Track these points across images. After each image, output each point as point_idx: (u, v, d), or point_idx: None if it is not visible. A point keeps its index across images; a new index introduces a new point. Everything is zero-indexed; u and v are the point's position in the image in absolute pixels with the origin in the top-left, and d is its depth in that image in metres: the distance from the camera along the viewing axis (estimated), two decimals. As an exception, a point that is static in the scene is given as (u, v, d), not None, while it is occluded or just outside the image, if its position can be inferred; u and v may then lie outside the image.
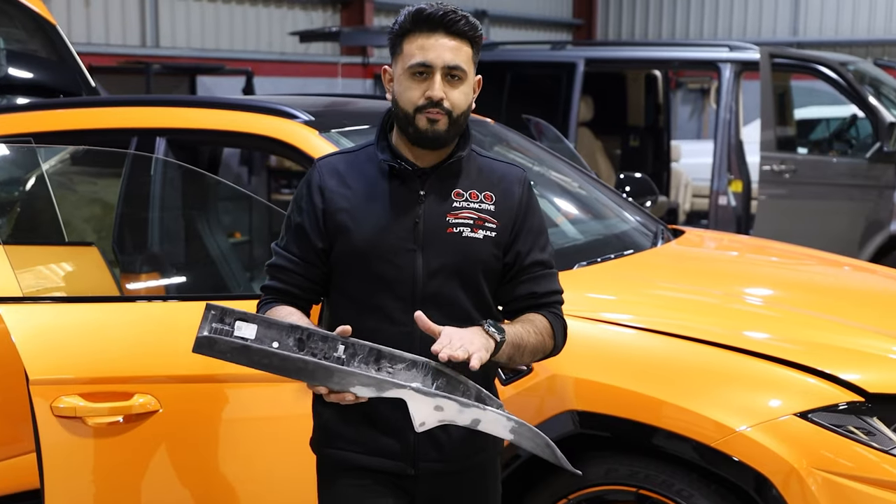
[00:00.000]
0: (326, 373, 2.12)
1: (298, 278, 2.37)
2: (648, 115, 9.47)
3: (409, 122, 2.26)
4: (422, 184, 2.32)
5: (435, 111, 2.24)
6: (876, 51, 15.57)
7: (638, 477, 2.87)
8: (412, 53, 2.25)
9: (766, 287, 3.62)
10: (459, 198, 2.33)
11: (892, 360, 2.93)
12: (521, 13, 15.98)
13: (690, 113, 16.48)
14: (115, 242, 3.69)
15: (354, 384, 2.12)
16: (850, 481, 2.65)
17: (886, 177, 7.23)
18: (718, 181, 7.64)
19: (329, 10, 12.65)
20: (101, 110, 3.87)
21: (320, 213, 2.33)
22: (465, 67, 2.27)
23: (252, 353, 2.12)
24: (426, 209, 2.30)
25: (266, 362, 2.12)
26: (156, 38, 10.56)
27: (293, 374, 2.13)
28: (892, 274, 4.23)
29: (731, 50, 7.86)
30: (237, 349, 2.12)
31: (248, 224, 8.53)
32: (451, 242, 2.30)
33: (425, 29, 2.25)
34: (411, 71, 2.25)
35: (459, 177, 2.35)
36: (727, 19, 17.07)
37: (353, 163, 2.39)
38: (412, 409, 2.13)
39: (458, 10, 2.27)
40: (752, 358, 2.83)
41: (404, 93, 2.27)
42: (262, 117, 3.52)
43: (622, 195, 4.50)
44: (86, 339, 2.87)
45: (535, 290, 2.39)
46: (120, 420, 2.77)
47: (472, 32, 2.28)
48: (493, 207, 2.34)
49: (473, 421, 2.15)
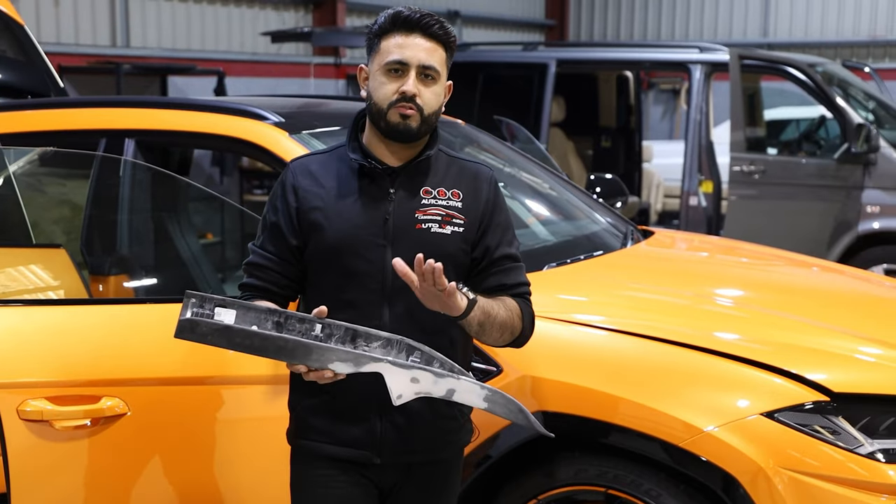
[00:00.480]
0: (305, 350, 2.17)
1: (275, 275, 2.46)
2: (620, 115, 9.51)
3: (382, 117, 2.37)
4: (391, 182, 2.42)
5: (407, 106, 2.34)
6: (844, 52, 15.71)
7: (607, 477, 2.88)
8: (389, 51, 2.37)
9: (734, 288, 3.65)
10: (428, 195, 2.43)
11: (857, 360, 2.96)
12: (494, 14, 16.00)
13: (662, 113, 16.55)
14: (83, 244, 3.67)
15: (333, 360, 2.19)
16: (817, 480, 2.67)
17: (854, 177, 7.29)
18: (689, 182, 7.69)
19: (301, 10, 12.62)
20: (69, 111, 3.84)
21: (294, 211, 2.43)
22: (439, 69, 2.39)
23: (233, 335, 2.17)
24: (396, 206, 2.40)
25: (247, 343, 2.17)
26: (126, 38, 10.50)
27: (273, 354, 2.18)
28: (859, 274, 4.28)
29: (702, 51, 7.91)
30: (218, 331, 2.17)
31: (220, 225, 8.51)
32: (419, 238, 2.38)
33: (403, 30, 2.38)
34: (387, 67, 2.36)
35: (428, 175, 2.46)
36: (698, 20, 17.16)
37: (326, 163, 2.49)
38: (389, 383, 2.21)
39: (435, 15, 2.41)
40: (719, 358, 2.84)
41: (379, 88, 2.38)
42: (231, 119, 3.50)
43: (593, 196, 4.52)
44: (53, 342, 2.85)
45: (505, 281, 2.50)
46: (87, 423, 2.76)
47: (447, 37, 2.41)
48: (461, 204, 2.45)
49: (448, 391, 2.23)
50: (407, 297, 2.33)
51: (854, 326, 3.20)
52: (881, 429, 2.76)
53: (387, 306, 2.38)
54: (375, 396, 2.37)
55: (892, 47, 16.00)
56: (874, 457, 2.70)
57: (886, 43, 15.96)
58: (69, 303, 3.19)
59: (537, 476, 2.96)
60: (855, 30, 16.13)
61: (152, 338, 2.90)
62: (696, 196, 7.69)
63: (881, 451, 2.71)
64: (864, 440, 2.72)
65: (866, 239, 7.36)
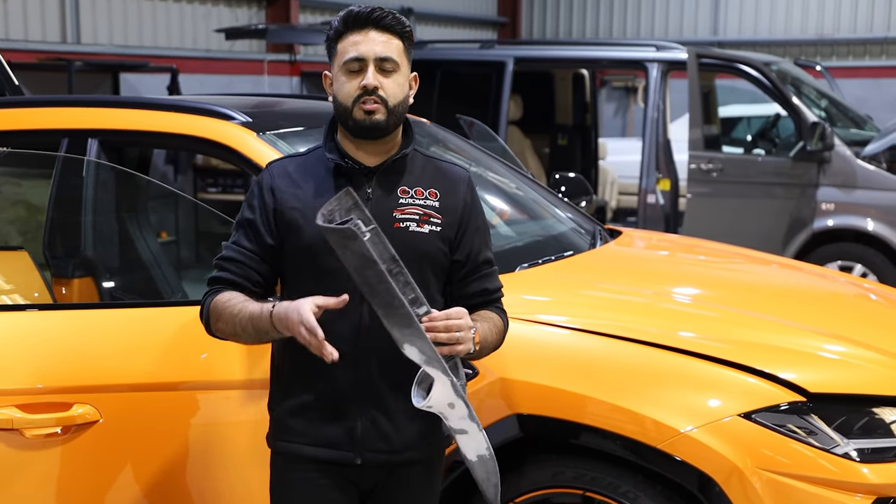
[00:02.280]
0: (404, 322, 2.15)
1: (248, 270, 2.44)
2: (576, 113, 9.55)
3: (348, 115, 2.38)
4: (368, 181, 2.43)
5: (371, 100, 2.35)
6: (793, 50, 15.88)
7: (584, 479, 2.88)
8: (346, 50, 2.39)
9: (707, 288, 3.66)
10: (405, 194, 2.44)
11: (831, 360, 2.98)
12: (447, 11, 15.97)
13: (615, 111, 16.64)
14: (45, 246, 3.59)
15: (413, 344, 2.17)
16: (794, 480, 2.69)
17: (809, 175, 7.38)
18: (647, 180, 7.74)
19: (254, 6, 12.50)
20: (29, 110, 3.75)
21: (271, 211, 2.43)
22: (397, 59, 2.39)
23: (370, 269, 2.13)
24: (374, 205, 2.39)
25: (371, 283, 2.14)
26: (76, 35, 10.33)
27: (378, 304, 2.15)
28: (819, 272, 4.32)
29: (659, 50, 7.95)
30: (364, 258, 2.12)
31: (175, 224, 8.41)
32: (397, 237, 2.37)
33: (356, 28, 2.39)
34: (346, 67, 2.38)
35: (404, 174, 2.47)
36: (649, 19, 17.26)
37: (303, 164, 2.49)
38: (434, 391, 2.20)
39: (385, 8, 2.41)
40: (695, 359, 2.85)
41: (341, 88, 2.40)
42: (198, 118, 3.44)
43: (558, 195, 4.51)
44: (21, 348, 2.78)
45: (487, 286, 2.54)
46: (59, 431, 2.70)
47: (400, 27, 2.41)
48: (438, 204, 2.46)
49: (460, 431, 2.28)
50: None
51: (825, 325, 3.22)
52: (855, 428, 2.78)
53: (365, 304, 2.33)
54: (355, 396, 2.38)
55: (840, 46, 16.21)
56: (849, 456, 2.72)
57: (833, 42, 16.16)
58: (37, 307, 3.12)
59: (514, 478, 2.94)
60: (803, 28, 16.32)
61: (124, 342, 2.85)
62: (654, 194, 7.74)
63: (856, 450, 2.74)
64: (840, 440, 2.74)
65: (821, 236, 7.45)
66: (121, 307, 3.06)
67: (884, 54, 15.92)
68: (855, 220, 7.35)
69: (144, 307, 3.07)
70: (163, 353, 2.84)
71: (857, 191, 7.32)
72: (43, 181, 5.15)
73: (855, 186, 7.33)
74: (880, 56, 15.90)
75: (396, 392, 2.39)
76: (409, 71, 2.45)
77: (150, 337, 2.89)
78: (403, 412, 2.40)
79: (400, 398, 2.37)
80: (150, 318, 2.98)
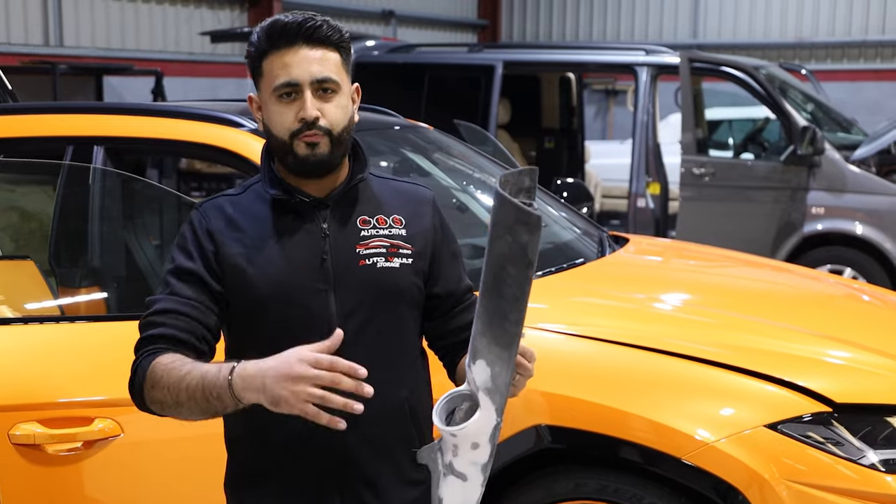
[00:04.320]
0: (506, 342, 1.80)
1: (193, 323, 1.98)
2: (563, 117, 9.55)
3: (288, 151, 2.01)
4: (321, 216, 2.06)
5: (312, 133, 1.99)
6: (772, 54, 15.95)
7: (607, 491, 2.86)
8: (275, 74, 2.00)
9: (725, 296, 3.64)
10: (366, 225, 2.08)
11: (854, 369, 2.98)
12: (428, 14, 15.96)
13: (595, 114, 16.67)
14: (51, 256, 3.53)
15: (492, 366, 1.80)
16: (820, 491, 2.68)
17: (799, 179, 7.39)
18: (637, 184, 7.73)
19: (237, 9, 12.43)
20: (33, 117, 3.70)
21: (212, 256, 2.02)
22: (337, 78, 2.02)
23: (519, 268, 1.74)
24: (332, 243, 2.04)
25: (506, 283, 1.75)
26: (59, 37, 10.23)
27: (491, 310, 1.78)
28: (835, 279, 4.33)
29: (648, 54, 7.96)
30: (522, 258, 1.73)
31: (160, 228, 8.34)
32: (366, 276, 2.04)
33: (284, 44, 1.99)
34: (278, 93, 2.00)
35: (359, 202, 2.10)
36: (629, 22, 17.30)
37: (240, 204, 2.08)
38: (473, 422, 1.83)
39: (317, 17, 2.03)
40: (720, 369, 2.83)
41: (275, 119, 2.02)
42: (206, 126, 3.40)
43: (562, 201, 4.50)
44: (41, 362, 2.73)
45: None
46: (80, 446, 2.65)
47: (337, 38, 2.03)
48: (405, 232, 2.10)
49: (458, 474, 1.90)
50: (360, 347, 1.98)
51: (844, 334, 3.22)
52: (880, 438, 2.78)
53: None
54: (336, 471, 2.03)
55: (818, 49, 16.31)
56: (875, 467, 2.71)
57: (812, 45, 16.27)
58: (55, 320, 3.06)
59: (535, 490, 2.92)
60: (782, 32, 16.41)
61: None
62: (644, 198, 7.74)
63: (881, 461, 2.73)
64: (866, 450, 2.73)
65: (811, 240, 7.47)
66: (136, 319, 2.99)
67: (862, 57, 16.04)
68: (844, 224, 7.37)
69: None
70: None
71: (846, 195, 7.35)
72: (37, 188, 5.09)
73: (844, 190, 7.35)
74: (858, 59, 16.02)
75: (384, 462, 2.07)
76: (350, 84, 2.08)
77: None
78: (394, 483, 2.09)
79: (388, 468, 2.07)
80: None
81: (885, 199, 7.27)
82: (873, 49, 16.00)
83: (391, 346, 2.08)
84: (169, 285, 2.02)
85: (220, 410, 1.87)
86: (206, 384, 1.84)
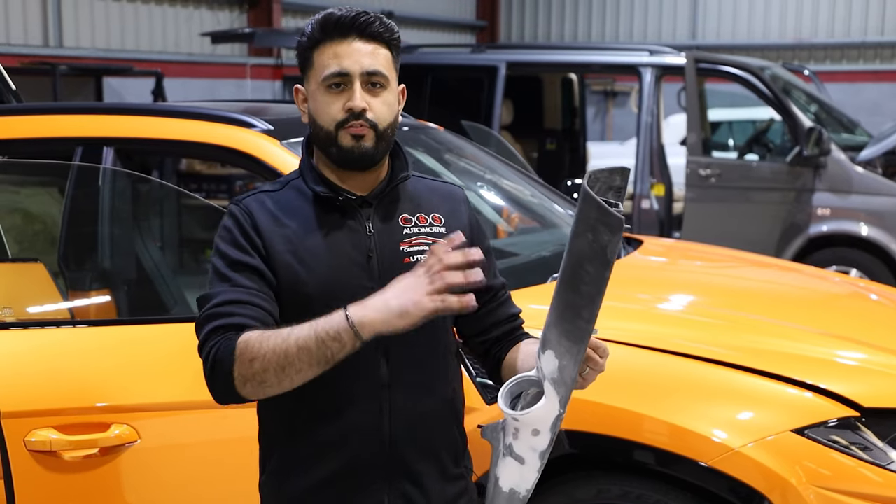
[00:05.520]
0: (577, 336, 1.84)
1: (260, 311, 1.96)
2: (565, 118, 9.51)
3: (332, 142, 2.02)
4: (366, 214, 2.08)
5: (358, 124, 2.00)
6: (771, 55, 15.94)
7: (630, 497, 2.81)
8: (326, 64, 2.01)
9: (748, 299, 3.60)
10: (408, 223, 2.10)
11: (880, 373, 2.94)
12: (427, 14, 15.94)
13: (594, 115, 16.64)
14: (60, 258, 3.48)
15: (561, 359, 1.85)
16: (848, 497, 2.64)
17: (805, 180, 7.37)
18: (641, 185, 7.69)
19: (236, 10, 12.39)
20: (42, 118, 3.64)
21: (263, 251, 2.01)
22: (387, 73, 2.03)
23: (597, 268, 1.79)
24: (377, 241, 2.06)
25: (584, 281, 1.80)
26: (59, 38, 10.18)
27: (566, 305, 1.82)
28: (844, 279, 4.29)
29: (652, 54, 7.91)
30: (601, 258, 1.79)
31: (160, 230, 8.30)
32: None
33: (337, 36, 2.02)
34: (327, 83, 2.01)
35: (401, 200, 2.13)
36: (628, 22, 17.30)
37: (281, 200, 2.08)
38: (536, 409, 1.88)
39: (371, 12, 2.05)
40: (745, 373, 2.79)
41: (322, 109, 2.02)
42: (218, 126, 3.35)
43: (573, 202, 4.46)
44: (55, 367, 2.68)
45: (512, 311, 2.25)
46: (96, 453, 2.60)
47: (389, 35, 2.05)
48: (445, 230, 2.12)
49: (517, 457, 1.94)
50: (406, 345, 2.00)
51: (867, 336, 3.18)
52: (906, 443, 2.74)
53: (383, 358, 2.02)
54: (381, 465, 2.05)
55: (817, 50, 16.32)
56: (904, 473, 2.68)
57: (811, 46, 16.27)
58: (69, 324, 3.01)
59: (556, 496, 2.88)
60: (781, 33, 16.42)
61: (160, 359, 2.76)
62: (649, 199, 7.70)
63: (910, 466, 2.70)
64: (894, 455, 2.69)
65: (817, 241, 7.44)
66: (154, 323, 2.95)
67: (861, 58, 16.04)
68: (850, 225, 7.35)
69: (177, 322, 2.96)
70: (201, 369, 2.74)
71: (852, 196, 7.32)
72: (41, 189, 5.05)
73: (850, 191, 7.32)
74: (857, 60, 16.02)
75: (428, 457, 2.09)
76: (398, 84, 2.08)
77: (187, 353, 2.79)
78: (437, 478, 2.11)
79: (432, 463, 2.08)
80: (184, 333, 2.88)
81: (890, 201, 7.25)
82: (872, 50, 16.01)
83: (436, 343, 2.11)
84: (227, 279, 1.99)
85: (335, 353, 1.85)
86: (319, 329, 1.84)
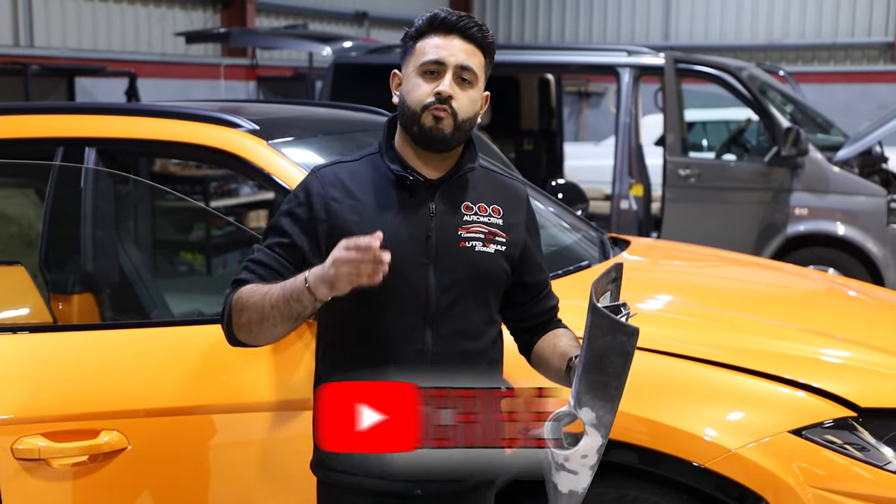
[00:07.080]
0: (608, 396, 2.04)
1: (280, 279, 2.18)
2: (541, 118, 9.49)
3: (415, 121, 2.21)
4: (432, 196, 2.27)
5: (442, 108, 2.19)
6: (743, 56, 15.98)
7: (626, 500, 2.79)
8: (426, 51, 2.24)
9: (741, 299, 3.59)
10: (469, 211, 2.29)
11: (877, 373, 2.92)
12: (402, 15, 15.87)
13: (568, 115, 16.64)
14: (42, 261, 3.41)
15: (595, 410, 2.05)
16: (845, 498, 2.63)
17: (783, 180, 7.39)
18: (619, 185, 7.68)
19: (209, 10, 12.28)
20: (21, 118, 3.57)
21: (322, 224, 2.23)
22: (477, 72, 2.25)
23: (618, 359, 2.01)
24: (437, 222, 2.25)
25: (605, 366, 2.01)
26: (30, 38, 10.05)
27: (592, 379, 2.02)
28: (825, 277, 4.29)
29: (630, 55, 7.90)
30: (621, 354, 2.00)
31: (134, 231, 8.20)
32: (463, 257, 2.26)
33: (441, 31, 2.25)
34: (423, 69, 2.23)
35: (467, 189, 2.31)
36: (601, 23, 17.32)
37: (356, 172, 2.30)
38: (583, 444, 2.06)
39: (475, 18, 2.28)
40: (742, 374, 2.77)
41: (413, 90, 2.23)
42: (202, 126, 3.30)
43: (561, 204, 4.43)
44: (42, 373, 2.62)
45: (553, 304, 2.48)
46: (86, 460, 2.54)
47: (486, 40, 2.28)
48: (502, 221, 2.32)
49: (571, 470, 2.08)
50: (452, 318, 2.23)
51: (861, 335, 3.18)
52: (903, 443, 2.73)
53: (429, 329, 2.23)
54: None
55: (788, 51, 16.41)
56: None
57: (782, 47, 16.37)
58: (56, 329, 2.95)
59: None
60: (753, 34, 16.50)
61: (149, 364, 2.71)
62: (627, 199, 7.69)
63: (907, 466, 2.68)
64: (892, 456, 2.68)
65: (794, 241, 7.46)
66: (140, 326, 2.90)
67: (832, 60, 16.15)
68: (827, 225, 7.37)
69: (164, 326, 2.92)
70: (191, 374, 2.70)
71: (829, 195, 7.35)
72: (17, 191, 4.96)
73: (827, 191, 7.35)
74: (828, 61, 16.13)
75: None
76: (483, 89, 2.30)
77: (177, 357, 2.74)
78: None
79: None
80: (171, 337, 2.83)
81: (867, 200, 7.28)
82: (843, 51, 16.11)
83: (477, 321, 2.29)
84: (269, 238, 2.26)
85: (300, 313, 2.09)
86: (286, 290, 2.08)
